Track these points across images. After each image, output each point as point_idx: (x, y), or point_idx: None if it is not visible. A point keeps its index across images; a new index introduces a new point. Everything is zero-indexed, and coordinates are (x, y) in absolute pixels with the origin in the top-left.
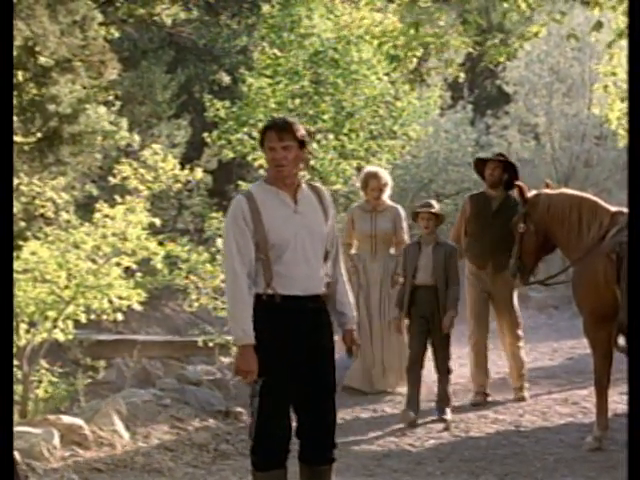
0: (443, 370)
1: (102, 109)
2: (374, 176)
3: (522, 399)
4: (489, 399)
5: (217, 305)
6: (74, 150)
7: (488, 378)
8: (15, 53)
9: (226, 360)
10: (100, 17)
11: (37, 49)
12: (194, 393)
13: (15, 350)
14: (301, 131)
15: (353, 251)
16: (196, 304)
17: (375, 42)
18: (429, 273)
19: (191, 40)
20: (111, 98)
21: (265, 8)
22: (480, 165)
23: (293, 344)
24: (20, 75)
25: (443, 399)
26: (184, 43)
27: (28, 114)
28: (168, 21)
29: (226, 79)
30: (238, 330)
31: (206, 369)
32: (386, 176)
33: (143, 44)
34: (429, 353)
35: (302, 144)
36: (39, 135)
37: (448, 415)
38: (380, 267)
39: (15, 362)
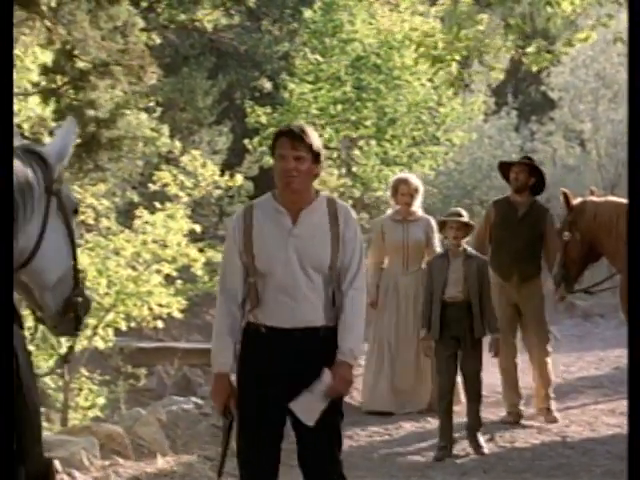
0: (473, 396)
1: (143, 115)
2: (404, 181)
3: (553, 420)
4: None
5: None
6: (112, 155)
7: (520, 397)
8: (53, 57)
9: None
10: (141, 23)
11: (75, 53)
12: None
13: (56, 358)
14: (318, 143)
15: (384, 266)
16: None
17: (414, 45)
18: (459, 288)
19: (232, 46)
20: (152, 104)
21: (307, 13)
22: (505, 169)
23: (273, 381)
24: (58, 79)
25: (474, 426)
26: (225, 49)
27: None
28: (209, 27)
29: (267, 85)
30: (213, 357)
31: None
32: (417, 182)
33: (184, 50)
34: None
35: (317, 157)
36: (78, 140)
37: (482, 442)
38: (412, 281)
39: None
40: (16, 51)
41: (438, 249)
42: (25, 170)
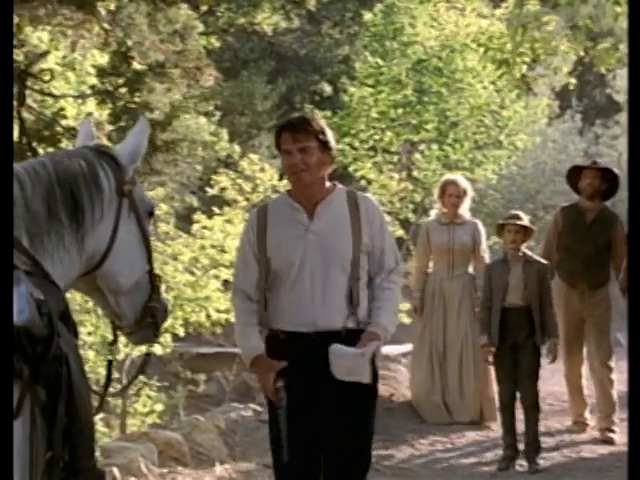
0: (531, 406)
1: (202, 119)
2: (452, 183)
3: (609, 441)
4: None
5: None
6: (168, 158)
7: (586, 405)
8: (108, 59)
9: None
10: (201, 27)
11: (130, 54)
12: None
13: (114, 364)
14: (321, 128)
15: (429, 270)
16: None
17: (481, 50)
18: (520, 294)
19: (292, 50)
20: (211, 108)
21: (367, 16)
22: (575, 174)
23: (297, 390)
24: (114, 81)
25: (532, 443)
26: (285, 53)
27: (121, 122)
28: (269, 30)
29: (327, 89)
30: (242, 347)
31: None
32: (466, 184)
33: (244, 54)
34: None
35: (325, 145)
36: None
37: (540, 465)
38: (458, 286)
39: (114, 375)
40: (75, 55)
41: (486, 254)
42: (94, 170)
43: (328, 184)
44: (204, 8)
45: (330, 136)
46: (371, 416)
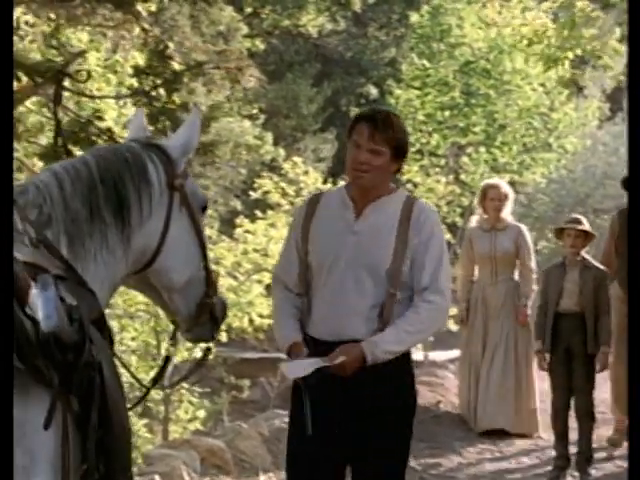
0: (585, 415)
1: (246, 122)
2: (494, 187)
3: None
4: None
5: None
6: (206, 160)
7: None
8: (145, 59)
9: None
10: (245, 29)
11: (168, 54)
12: None
13: (157, 370)
14: (402, 136)
15: (474, 278)
16: None
17: (524, 42)
18: (575, 299)
19: (338, 52)
20: (255, 111)
21: (414, 18)
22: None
23: (323, 404)
24: (151, 81)
25: (584, 452)
26: (331, 55)
27: (159, 124)
28: (314, 32)
29: (374, 92)
30: (278, 337)
31: None
32: (508, 188)
33: (289, 56)
34: None
35: (398, 154)
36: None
37: (592, 475)
38: (501, 293)
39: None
40: (117, 56)
41: (532, 261)
42: (142, 164)
43: (390, 186)
44: (249, 10)
45: (407, 144)
46: (407, 439)
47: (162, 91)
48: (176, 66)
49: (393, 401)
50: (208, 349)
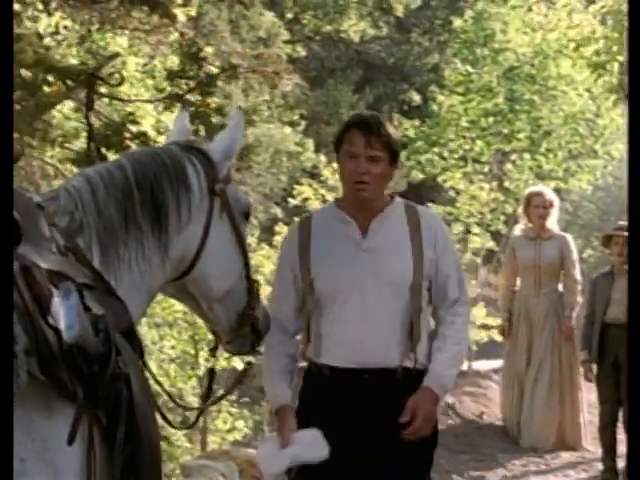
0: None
1: (287, 129)
2: (538, 194)
3: None
4: None
5: None
6: (241, 165)
7: None
8: (179, 61)
9: None
10: (286, 34)
11: (202, 56)
12: None
13: (196, 380)
14: (396, 137)
15: (517, 288)
16: None
17: (571, 45)
18: (623, 309)
19: (380, 58)
20: (296, 118)
21: (457, 23)
22: None
23: (340, 440)
24: (184, 84)
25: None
26: (373, 61)
27: (193, 127)
28: (356, 38)
29: (416, 98)
30: (267, 393)
31: None
32: (552, 196)
33: (330, 63)
34: None
35: (394, 158)
36: None
37: None
38: (545, 305)
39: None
40: (156, 62)
41: (576, 271)
42: (181, 168)
43: (385, 195)
44: (289, 16)
45: (399, 147)
46: (428, 464)
47: (196, 94)
48: (210, 69)
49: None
50: (249, 363)
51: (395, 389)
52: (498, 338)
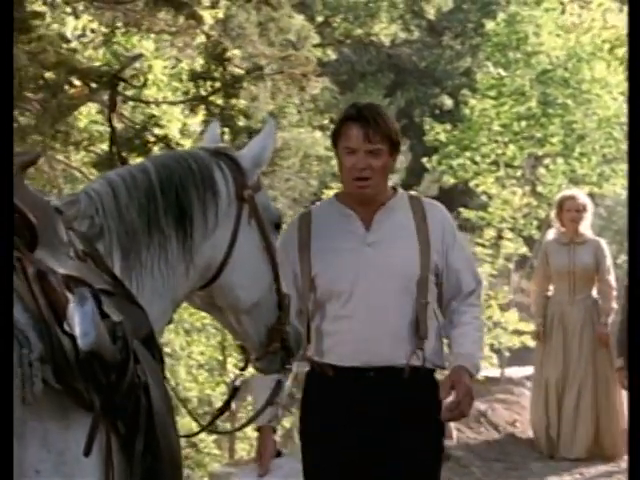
0: None
1: (317, 133)
2: (570, 198)
3: None
4: None
5: None
6: (267, 169)
7: None
8: (202, 62)
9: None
10: (316, 38)
11: (226, 57)
12: None
13: (224, 388)
14: (395, 126)
15: (549, 294)
16: None
17: (606, 46)
18: None
19: (412, 62)
20: (326, 122)
21: (489, 26)
22: None
23: (344, 442)
24: (209, 86)
25: None
26: (404, 65)
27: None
28: (387, 41)
29: (448, 102)
30: (253, 408)
31: None
32: (585, 199)
33: (361, 67)
34: None
35: (394, 148)
36: None
37: None
38: (580, 312)
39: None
40: (183, 64)
41: (612, 276)
42: (209, 173)
43: (388, 188)
44: (320, 19)
45: (399, 136)
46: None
47: (221, 96)
48: (236, 70)
49: (413, 410)
50: (279, 382)
51: (403, 387)
52: (531, 344)
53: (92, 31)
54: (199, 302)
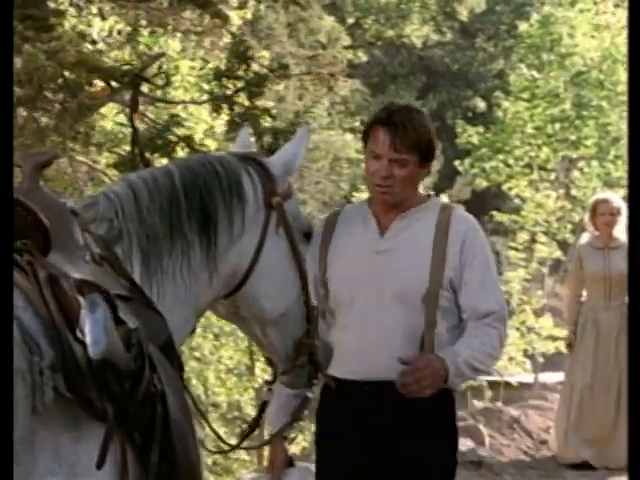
0: None
1: (348, 136)
2: (604, 201)
3: None
4: None
5: None
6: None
7: None
8: (226, 60)
9: (479, 404)
10: (347, 39)
11: (250, 55)
12: None
13: (253, 393)
14: (429, 137)
15: (583, 299)
16: None
17: None
18: None
19: (444, 64)
20: (357, 124)
21: (523, 27)
22: None
23: (347, 453)
24: (232, 84)
25: None
26: (436, 67)
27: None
28: (418, 43)
29: (481, 104)
30: (268, 414)
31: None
32: (620, 203)
33: (392, 69)
34: None
35: (426, 158)
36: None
37: None
38: (616, 317)
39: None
40: (210, 65)
41: None
42: (236, 178)
43: (420, 194)
44: (351, 20)
45: (434, 144)
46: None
47: (244, 96)
48: (258, 68)
49: (426, 453)
50: (306, 398)
51: (396, 405)
52: (565, 349)
53: (118, 32)
54: (223, 311)
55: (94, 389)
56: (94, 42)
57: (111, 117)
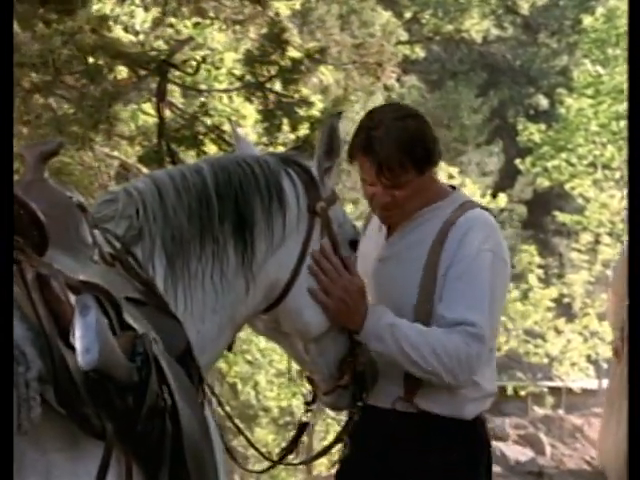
0: None
1: None
2: None
3: None
4: None
5: (529, 349)
6: (343, 168)
7: None
8: (259, 45)
9: (540, 412)
10: (404, 35)
11: (285, 38)
12: (499, 449)
13: (302, 398)
14: (425, 147)
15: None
16: (505, 347)
17: None
18: None
19: (506, 60)
20: None
21: (587, 21)
22: None
23: (353, 469)
24: (265, 70)
25: None
26: (497, 64)
27: (276, 120)
28: (478, 38)
29: (543, 102)
30: None
31: (515, 421)
32: None
33: (452, 65)
34: None
35: (426, 166)
36: (287, 146)
37: None
38: None
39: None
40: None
41: None
42: (276, 181)
43: (439, 188)
44: (408, 15)
45: (435, 148)
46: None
47: (279, 83)
48: (295, 54)
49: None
50: (350, 418)
51: (386, 435)
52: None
53: (171, 26)
54: (262, 327)
55: (90, 404)
56: (137, 33)
57: (138, 107)
